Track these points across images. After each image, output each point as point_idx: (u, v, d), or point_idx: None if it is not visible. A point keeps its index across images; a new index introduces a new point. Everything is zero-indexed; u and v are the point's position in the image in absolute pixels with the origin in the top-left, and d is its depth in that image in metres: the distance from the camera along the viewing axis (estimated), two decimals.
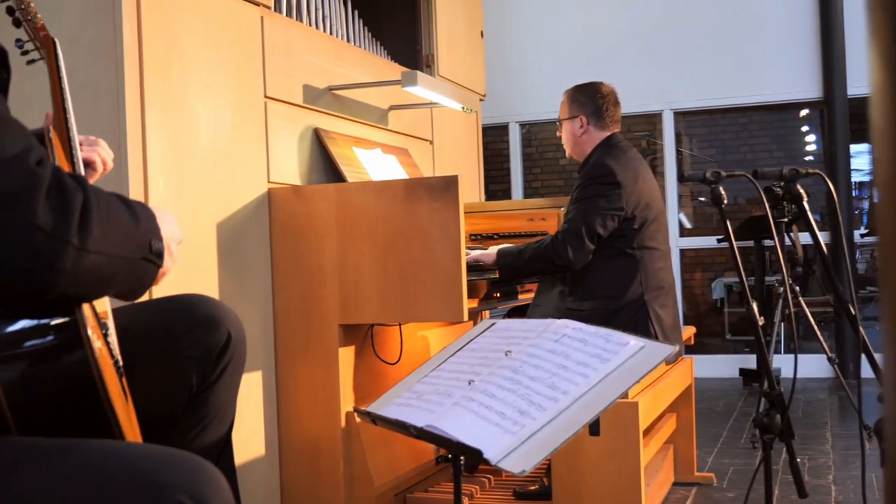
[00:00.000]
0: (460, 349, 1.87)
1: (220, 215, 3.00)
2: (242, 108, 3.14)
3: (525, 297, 4.02)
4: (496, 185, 9.48)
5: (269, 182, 3.27)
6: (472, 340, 1.89)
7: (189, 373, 1.77)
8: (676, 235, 7.94)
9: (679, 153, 8.61)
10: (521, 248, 3.61)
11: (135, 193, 2.65)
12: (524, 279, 3.83)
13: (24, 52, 1.79)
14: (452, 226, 3.09)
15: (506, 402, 1.56)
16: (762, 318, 2.56)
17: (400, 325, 3.49)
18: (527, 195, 9.26)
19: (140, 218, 1.42)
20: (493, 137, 8.82)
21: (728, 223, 2.55)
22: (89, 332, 1.36)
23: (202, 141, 2.93)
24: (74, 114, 2.64)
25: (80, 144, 1.78)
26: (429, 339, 3.89)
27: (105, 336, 1.46)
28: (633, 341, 1.62)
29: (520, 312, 4.20)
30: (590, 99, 3.79)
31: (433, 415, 1.63)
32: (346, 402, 3.27)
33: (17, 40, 1.75)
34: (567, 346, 1.66)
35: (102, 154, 1.82)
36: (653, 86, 7.96)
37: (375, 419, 1.79)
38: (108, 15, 2.65)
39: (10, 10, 1.76)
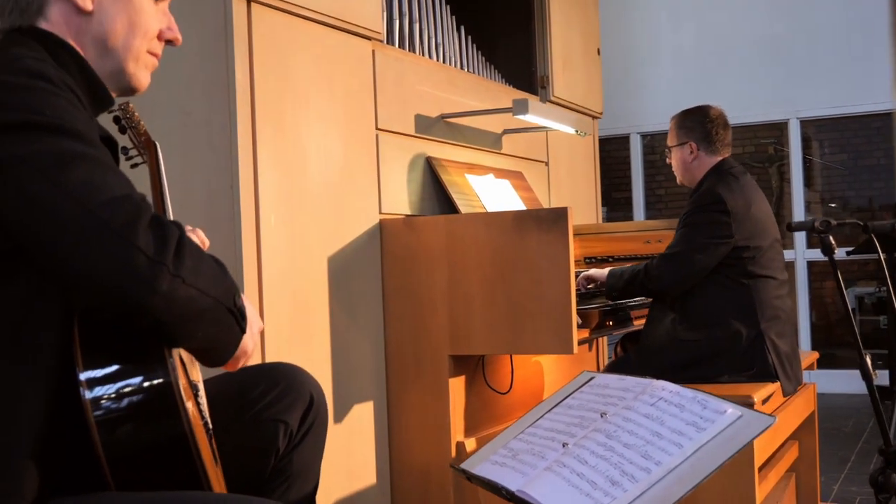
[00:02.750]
0: (558, 404, 1.86)
1: (331, 248, 3.05)
2: (354, 141, 3.18)
3: (639, 324, 3.97)
4: (619, 192, 9.40)
5: (380, 213, 3.30)
6: (569, 395, 1.88)
7: (276, 435, 1.84)
8: (804, 247, 7.73)
9: (807, 160, 8.38)
10: (623, 270, 3.62)
11: (247, 231, 2.71)
12: (625, 300, 3.78)
13: (129, 158, 1.93)
14: (562, 257, 3.08)
15: (598, 469, 1.54)
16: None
17: (511, 354, 3.49)
18: (649, 203, 9.16)
19: (226, 270, 1.52)
20: (616, 145, 8.75)
21: (838, 272, 2.47)
22: (181, 391, 1.41)
23: (314, 176, 2.98)
24: (189, 154, 2.73)
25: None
26: (542, 364, 3.88)
27: (195, 396, 1.52)
28: (731, 410, 1.59)
29: (633, 339, 4.15)
30: (698, 124, 3.72)
31: (526, 478, 1.62)
32: (457, 432, 3.28)
33: (123, 148, 1.87)
34: (663, 410, 1.63)
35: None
36: (778, 94, 7.78)
37: (470, 477, 1.79)
38: (221, 56, 2.72)
39: (116, 119, 1.91)
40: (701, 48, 7.95)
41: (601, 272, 3.68)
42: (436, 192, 3.60)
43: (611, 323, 3.73)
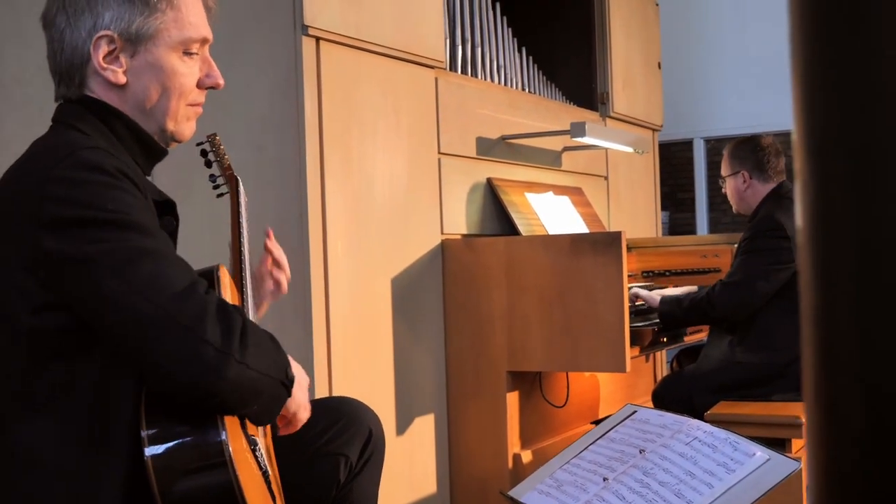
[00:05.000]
0: (601, 437, 2.00)
1: (394, 270, 3.21)
2: (417, 167, 3.33)
3: (691, 340, 4.07)
4: (684, 193, 9.44)
5: (442, 234, 3.45)
6: (612, 428, 2.01)
7: (337, 467, 1.99)
8: None
9: None
10: (680, 297, 3.67)
11: (315, 258, 2.87)
12: (682, 328, 3.88)
13: (216, 186, 2.04)
14: (616, 280, 3.20)
15: None
16: None
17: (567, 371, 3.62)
18: (714, 204, 9.19)
19: (279, 348, 1.65)
20: (682, 147, 8.79)
21: None
22: (232, 452, 1.55)
23: (378, 202, 3.14)
24: (262, 188, 2.91)
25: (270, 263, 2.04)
26: (598, 378, 4.01)
27: (254, 451, 1.68)
28: (760, 452, 1.71)
29: (688, 354, 4.25)
30: (750, 153, 3.81)
31: None
32: (514, 445, 3.43)
33: (211, 175, 2.00)
34: (697, 450, 1.76)
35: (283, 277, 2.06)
36: None
37: None
38: (292, 93, 2.88)
39: (203, 153, 2.03)
40: (764, 53, 7.96)
41: (652, 297, 3.74)
42: (496, 212, 3.73)
43: (665, 339, 3.84)
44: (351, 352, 3.00)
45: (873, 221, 0.63)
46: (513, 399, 3.43)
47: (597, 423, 3.73)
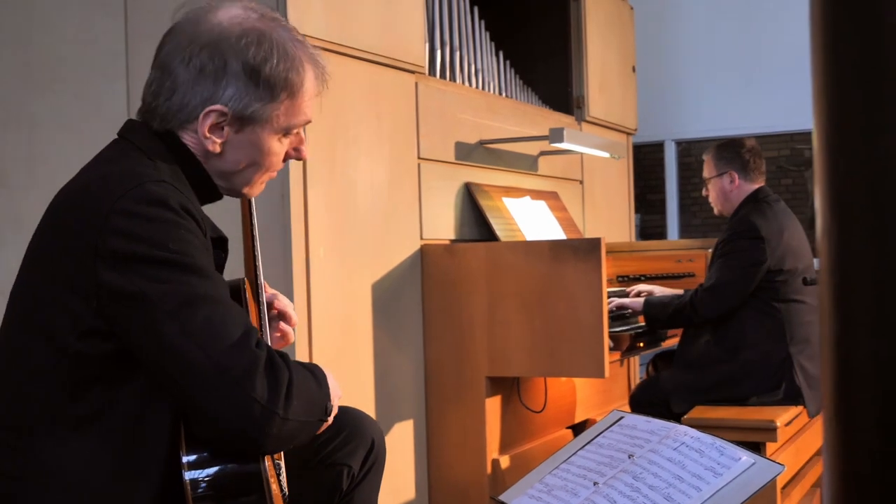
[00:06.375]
0: (590, 442, 2.02)
1: (375, 275, 3.21)
2: (397, 172, 3.34)
3: (669, 344, 4.11)
4: (654, 195, 9.51)
5: (421, 239, 3.46)
6: (600, 434, 2.03)
7: (340, 477, 2.01)
8: None
9: None
10: (665, 301, 3.74)
11: (297, 263, 2.87)
12: (666, 329, 3.95)
13: None
14: (596, 285, 3.23)
15: None
16: None
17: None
18: (684, 206, 9.26)
19: (322, 384, 1.66)
20: (652, 148, 8.86)
21: None
22: (268, 477, 1.59)
23: (360, 207, 3.14)
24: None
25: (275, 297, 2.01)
26: (575, 383, 4.03)
27: (278, 476, 1.71)
28: (745, 457, 1.74)
29: (664, 358, 4.29)
30: (736, 154, 3.92)
31: None
32: (493, 450, 3.44)
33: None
34: (685, 455, 1.78)
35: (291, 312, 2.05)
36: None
37: None
38: None
39: None
40: (736, 56, 8.04)
41: (636, 302, 3.83)
42: (475, 217, 3.75)
43: (642, 344, 3.87)
44: (331, 356, 3.00)
45: (890, 254, 0.66)
46: (492, 404, 3.44)
47: (574, 428, 3.78)
